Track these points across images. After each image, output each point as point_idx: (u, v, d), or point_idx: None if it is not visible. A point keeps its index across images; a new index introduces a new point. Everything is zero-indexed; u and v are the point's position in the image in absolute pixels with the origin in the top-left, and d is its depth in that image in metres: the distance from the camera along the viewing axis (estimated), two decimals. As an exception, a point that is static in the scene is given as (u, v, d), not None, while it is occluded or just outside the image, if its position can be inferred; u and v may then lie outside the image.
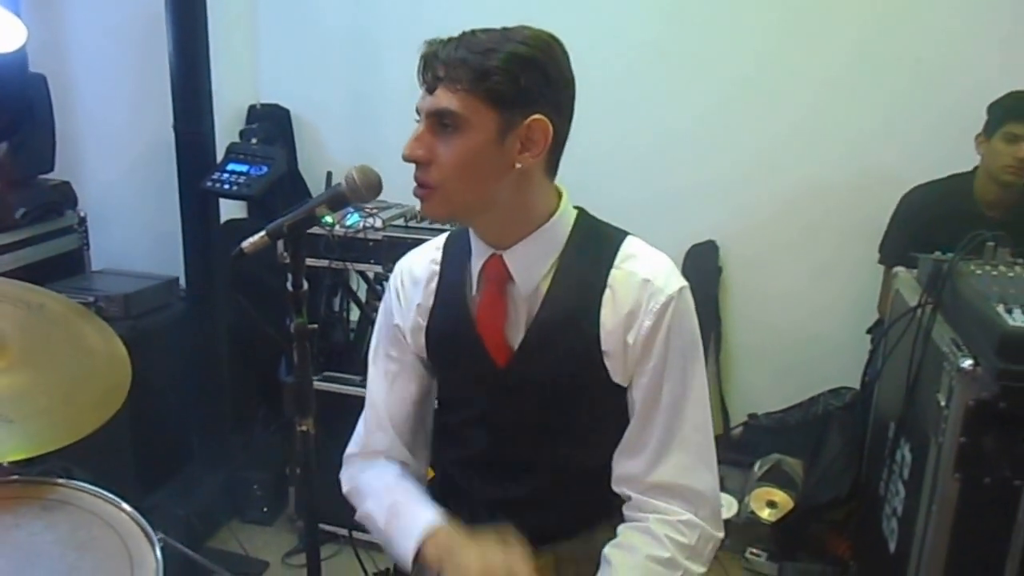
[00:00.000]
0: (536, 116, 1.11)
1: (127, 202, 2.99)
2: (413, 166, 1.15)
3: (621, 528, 1.19)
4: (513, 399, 1.22)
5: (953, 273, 1.66)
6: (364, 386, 1.40)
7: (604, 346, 1.17)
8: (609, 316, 1.17)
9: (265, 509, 2.69)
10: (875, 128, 2.74)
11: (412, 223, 2.42)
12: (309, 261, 2.42)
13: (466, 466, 1.30)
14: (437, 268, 1.30)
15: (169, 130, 2.50)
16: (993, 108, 2.47)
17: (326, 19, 3.20)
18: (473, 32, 1.12)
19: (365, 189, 1.14)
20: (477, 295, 1.24)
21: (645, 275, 1.18)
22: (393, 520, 1.24)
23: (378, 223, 2.36)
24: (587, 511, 1.25)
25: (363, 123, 3.26)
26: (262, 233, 1.16)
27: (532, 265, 1.20)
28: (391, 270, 1.40)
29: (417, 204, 1.19)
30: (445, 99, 1.10)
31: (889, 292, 2.71)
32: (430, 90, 1.12)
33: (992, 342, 1.39)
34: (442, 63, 1.10)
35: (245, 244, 1.16)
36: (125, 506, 1.28)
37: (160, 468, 2.65)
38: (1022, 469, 1.47)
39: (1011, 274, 1.61)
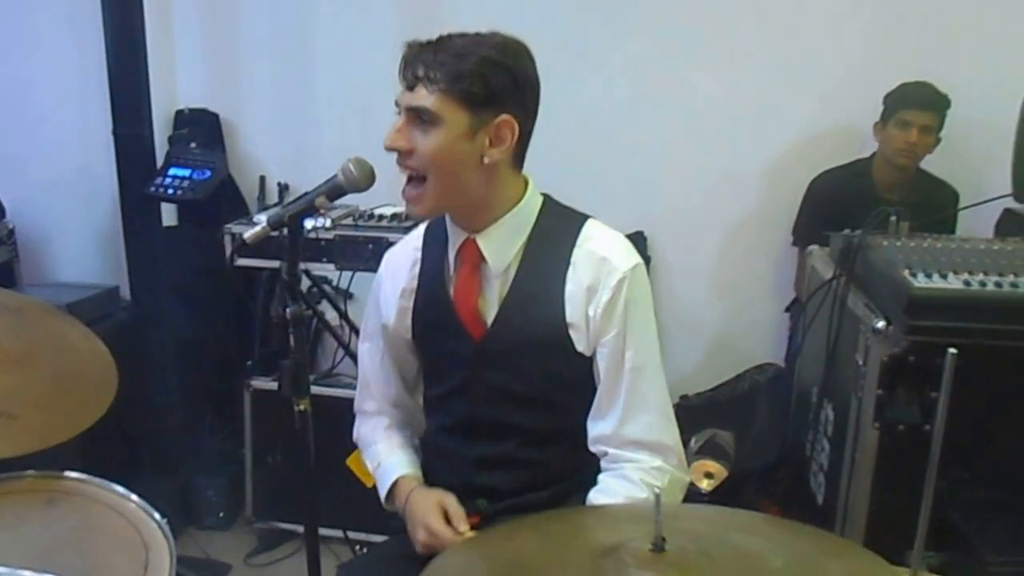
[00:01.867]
0: (504, 116, 1.25)
1: (61, 212, 2.94)
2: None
3: (601, 477, 1.34)
4: (488, 371, 1.36)
5: (863, 246, 1.86)
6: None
7: (569, 318, 1.32)
8: (572, 291, 1.32)
9: (221, 514, 2.70)
10: (783, 122, 2.97)
11: (361, 222, 2.48)
12: (260, 263, 2.47)
13: (451, 431, 1.43)
14: (419, 255, 1.43)
15: (106, 135, 2.50)
16: (888, 98, 2.74)
17: (246, 21, 3.20)
18: (450, 36, 1.25)
19: (362, 179, 1.24)
20: (454, 276, 1.37)
21: (603, 253, 1.33)
22: (377, 470, 1.48)
23: (327, 223, 2.42)
24: (556, 468, 1.39)
25: (294, 125, 3.28)
26: (263, 223, 1.24)
27: (502, 246, 1.33)
28: (343, 268, 1.53)
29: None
30: (423, 97, 1.23)
31: (805, 271, 2.95)
32: (410, 87, 1.25)
33: (901, 303, 1.59)
34: (422, 64, 1.23)
35: (247, 235, 1.25)
36: (133, 496, 1.34)
37: (109, 479, 2.62)
38: (931, 415, 1.66)
39: (912, 244, 1.82)
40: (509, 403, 1.36)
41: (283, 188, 3.30)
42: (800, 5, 2.87)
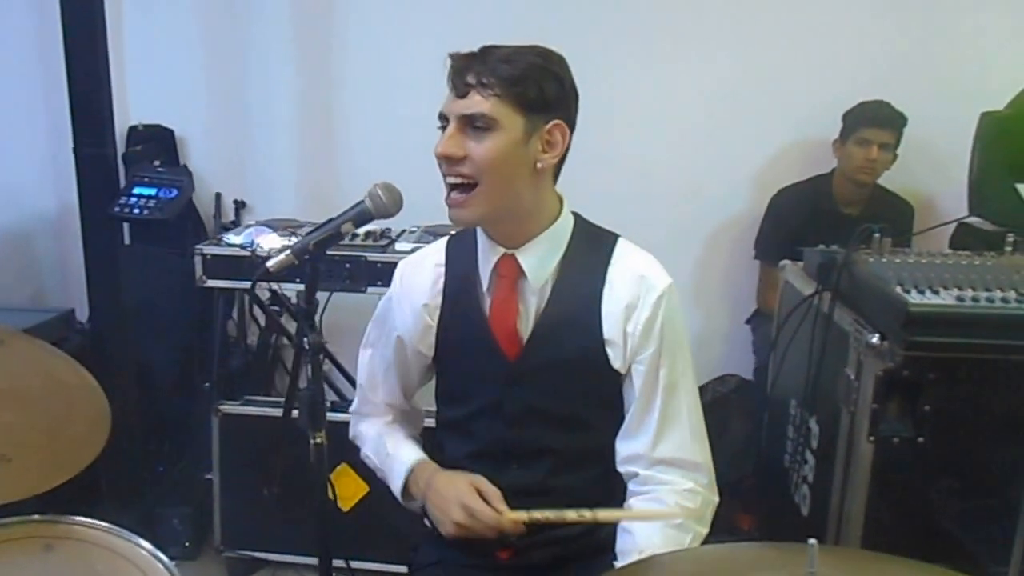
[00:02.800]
0: (556, 121, 1.27)
1: (8, 233, 2.79)
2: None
3: (633, 501, 1.32)
4: (523, 389, 1.33)
5: (848, 262, 1.91)
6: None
7: (606, 335, 1.31)
8: (610, 308, 1.32)
9: (187, 544, 2.59)
10: (743, 138, 3.04)
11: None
12: (231, 284, 2.38)
13: (475, 458, 1.39)
14: (442, 270, 1.40)
15: (65, 153, 2.38)
16: (847, 116, 2.83)
17: (199, 35, 3.14)
18: (495, 46, 1.26)
19: (390, 205, 1.20)
20: (488, 293, 1.35)
21: (640, 271, 1.33)
22: (386, 461, 1.44)
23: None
24: (587, 496, 1.35)
25: (249, 141, 3.21)
26: (287, 251, 1.19)
27: (542, 263, 1.33)
28: (320, 288, 1.48)
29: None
30: (478, 103, 1.22)
31: (768, 285, 3.02)
32: (462, 95, 1.24)
33: (899, 319, 1.62)
34: (472, 72, 1.22)
35: (271, 263, 1.19)
36: (143, 542, 1.26)
37: (68, 511, 2.48)
38: (923, 427, 1.71)
39: (897, 260, 1.87)
40: (542, 423, 1.34)
41: (239, 205, 3.21)
42: (764, 26, 2.95)
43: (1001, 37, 2.82)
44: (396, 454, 1.44)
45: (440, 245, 1.44)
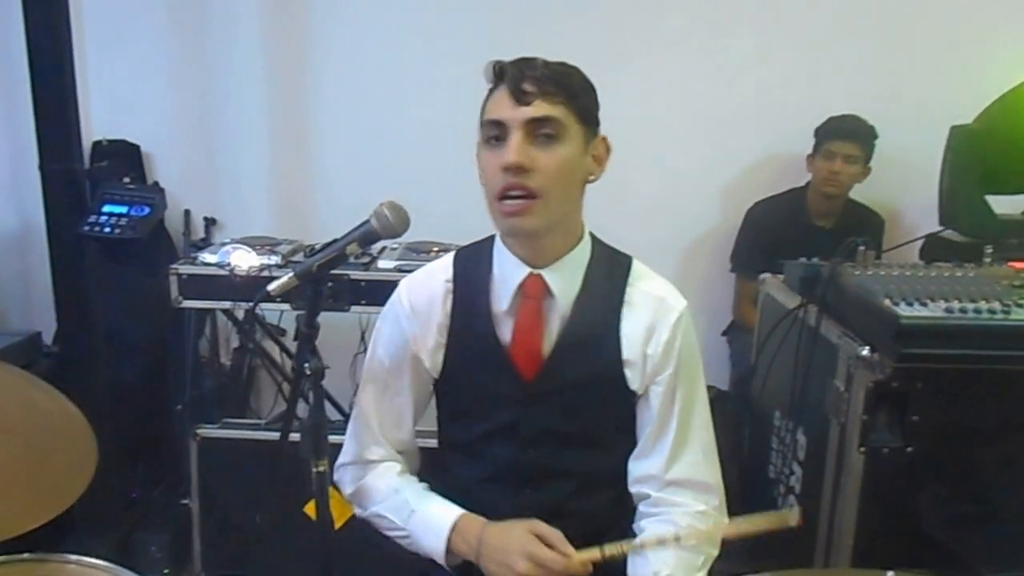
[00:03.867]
0: (602, 135, 1.28)
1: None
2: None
3: (646, 523, 1.31)
4: (539, 410, 1.31)
5: (834, 275, 1.93)
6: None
7: (625, 356, 1.31)
8: (629, 329, 1.31)
9: (166, 571, 2.51)
10: (718, 151, 3.08)
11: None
12: (207, 304, 2.32)
13: (487, 481, 1.36)
14: (451, 286, 1.36)
15: (29, 169, 2.29)
16: (817, 131, 2.89)
17: (164, 47, 3.07)
18: (533, 58, 1.24)
19: (397, 225, 1.17)
20: (509, 311, 1.31)
21: (659, 293, 1.33)
22: (412, 521, 1.32)
23: (278, 260, 2.30)
24: (601, 520, 1.35)
25: (217, 156, 3.15)
26: (290, 274, 1.15)
27: (569, 282, 1.31)
28: (300, 307, 1.42)
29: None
30: (546, 108, 1.20)
31: (744, 297, 3.05)
32: (524, 102, 1.20)
33: (889, 331, 1.65)
34: (531, 79, 1.20)
35: (272, 287, 1.16)
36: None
37: (40, 541, 2.38)
38: (912, 437, 1.74)
39: (882, 273, 1.90)
40: (558, 444, 1.32)
41: (210, 223, 3.15)
42: (740, 42, 2.99)
43: (970, 52, 2.89)
44: (426, 512, 1.33)
45: (447, 261, 1.40)
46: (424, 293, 1.37)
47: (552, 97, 1.20)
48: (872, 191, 2.98)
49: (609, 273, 1.34)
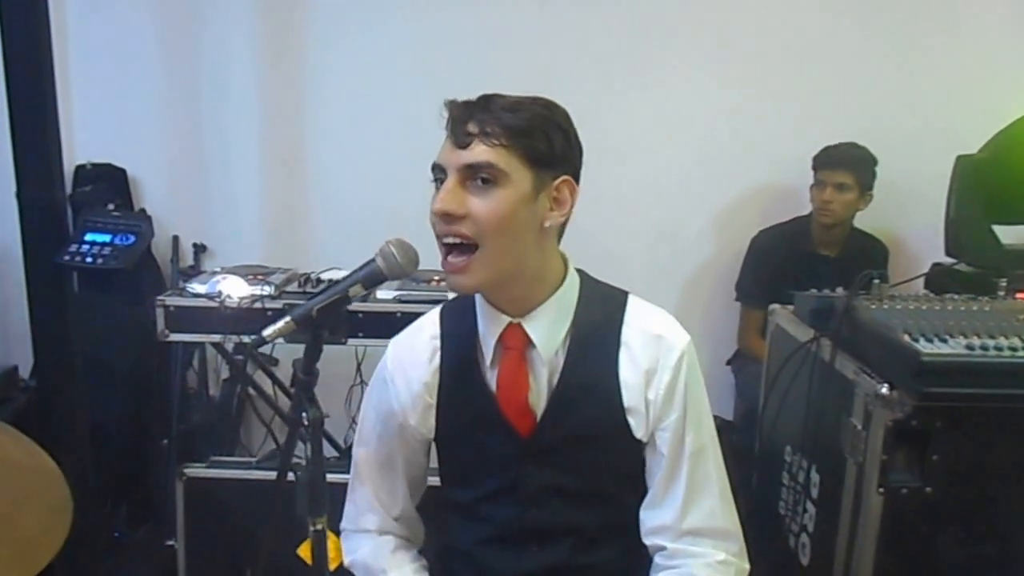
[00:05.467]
0: (564, 177, 1.17)
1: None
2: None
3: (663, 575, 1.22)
4: (538, 467, 1.23)
5: (849, 308, 1.87)
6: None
7: (626, 403, 1.22)
8: (628, 373, 1.23)
9: (153, 615, 2.40)
10: (721, 179, 3.05)
11: (308, 287, 2.28)
12: (195, 337, 2.22)
13: (486, 543, 1.28)
14: (438, 343, 1.29)
15: (7, 198, 2.19)
16: (813, 160, 2.85)
17: (151, 69, 3.00)
18: (496, 95, 1.15)
19: (406, 264, 1.10)
20: (493, 366, 1.24)
21: (657, 331, 1.25)
22: None
23: (271, 290, 2.21)
24: (615, 569, 1.28)
25: (207, 180, 3.08)
26: (287, 318, 1.06)
27: (551, 330, 1.22)
28: (294, 340, 1.33)
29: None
30: (483, 153, 1.11)
31: (750, 326, 2.99)
32: (463, 145, 1.12)
33: (910, 369, 1.59)
34: (477, 121, 1.12)
35: (267, 331, 1.06)
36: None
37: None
38: (931, 478, 1.68)
39: (898, 307, 1.84)
40: (562, 501, 1.24)
41: (199, 249, 3.06)
42: (741, 71, 2.97)
43: (972, 80, 2.89)
44: None
45: (434, 316, 1.32)
46: (410, 354, 1.30)
47: (492, 139, 1.11)
48: (873, 219, 2.94)
49: (602, 314, 1.26)
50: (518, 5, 2.94)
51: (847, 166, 2.76)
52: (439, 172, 1.16)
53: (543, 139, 1.13)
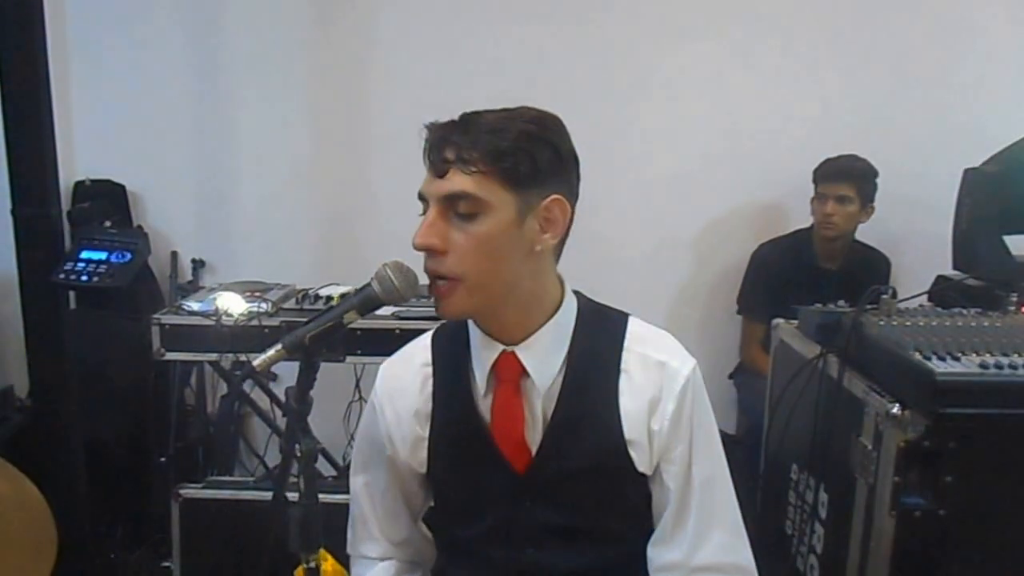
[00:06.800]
0: (554, 196, 1.10)
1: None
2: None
3: None
4: (536, 505, 1.17)
5: (857, 325, 1.82)
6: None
7: (628, 435, 1.16)
8: (629, 403, 1.16)
9: (144, 639, 2.35)
10: (719, 191, 3.02)
11: (306, 304, 2.24)
12: (192, 356, 2.19)
13: None
14: (429, 371, 1.22)
15: (2, 215, 2.17)
16: (814, 173, 2.82)
17: (151, 83, 2.98)
18: (478, 113, 1.08)
19: (404, 289, 1.05)
20: (486, 396, 1.18)
21: (659, 357, 1.18)
22: None
23: (269, 307, 2.18)
24: None
25: (207, 195, 3.06)
26: (278, 346, 1.02)
27: (547, 359, 1.16)
28: (292, 358, 1.29)
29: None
30: (460, 182, 1.05)
31: (752, 339, 2.95)
32: (440, 174, 1.06)
33: (924, 389, 1.54)
34: (452, 145, 1.05)
35: (257, 361, 1.02)
36: None
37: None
38: (944, 499, 1.63)
39: (908, 323, 1.80)
40: (562, 541, 1.18)
41: (198, 265, 3.03)
42: (739, 81, 2.94)
43: (973, 94, 2.87)
44: None
45: (426, 341, 1.25)
46: (402, 379, 1.24)
47: (469, 166, 1.04)
48: (874, 232, 2.91)
49: (601, 338, 1.18)
50: (523, 18, 2.92)
51: (848, 178, 2.73)
52: (424, 202, 1.10)
53: (526, 159, 1.05)
